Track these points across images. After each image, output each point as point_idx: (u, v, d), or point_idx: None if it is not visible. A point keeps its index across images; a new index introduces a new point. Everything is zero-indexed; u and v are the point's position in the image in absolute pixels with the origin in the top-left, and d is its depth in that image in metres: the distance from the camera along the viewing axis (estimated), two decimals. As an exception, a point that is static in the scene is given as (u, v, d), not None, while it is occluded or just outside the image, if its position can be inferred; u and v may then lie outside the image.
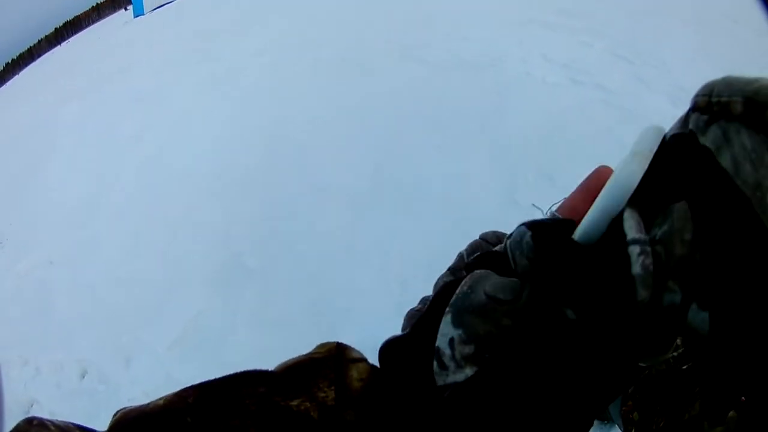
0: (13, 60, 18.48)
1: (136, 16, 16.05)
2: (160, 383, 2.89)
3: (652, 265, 0.26)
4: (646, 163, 0.28)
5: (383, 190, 3.80)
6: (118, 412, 0.34)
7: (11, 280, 4.51)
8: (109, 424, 0.33)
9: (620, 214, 0.28)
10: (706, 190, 0.26)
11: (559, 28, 5.44)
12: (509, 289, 0.31)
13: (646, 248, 0.27)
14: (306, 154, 4.51)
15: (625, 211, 0.28)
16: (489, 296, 0.31)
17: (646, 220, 0.28)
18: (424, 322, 0.34)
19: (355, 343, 0.39)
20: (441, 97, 4.73)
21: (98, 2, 20.77)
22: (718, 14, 4.76)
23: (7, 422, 0.37)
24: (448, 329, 0.32)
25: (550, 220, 0.32)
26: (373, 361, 0.37)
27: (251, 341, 2.97)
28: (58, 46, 18.88)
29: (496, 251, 0.35)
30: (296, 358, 0.37)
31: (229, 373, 0.35)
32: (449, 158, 3.92)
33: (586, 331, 0.28)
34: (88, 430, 0.34)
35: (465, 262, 0.62)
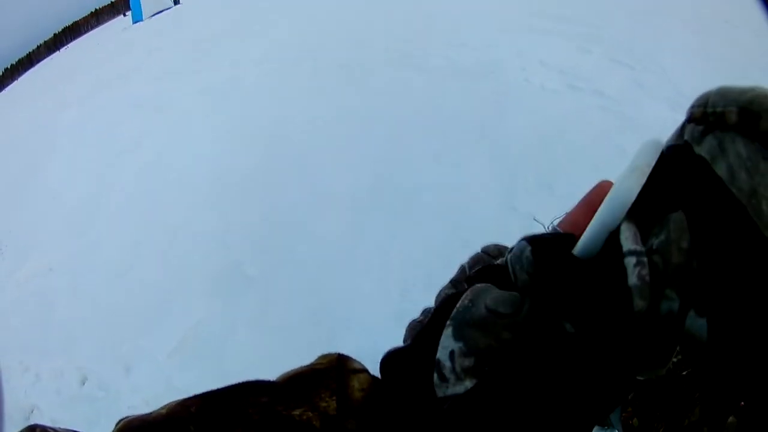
0: (12, 66, 18.55)
1: (135, 22, 16.13)
2: (160, 390, 2.88)
3: (649, 275, 0.27)
4: (644, 178, 0.29)
5: (382, 197, 3.80)
6: (121, 421, 0.34)
7: (11, 287, 4.51)
8: None
9: (618, 228, 0.29)
10: (703, 199, 0.27)
11: (557, 35, 5.47)
12: (509, 302, 0.31)
13: (642, 259, 0.27)
14: (305, 160, 4.51)
15: (622, 224, 0.29)
16: (489, 310, 0.32)
17: (643, 231, 0.29)
18: (426, 335, 0.35)
19: (354, 351, 0.39)
20: (440, 103, 4.75)
21: (97, 8, 20.91)
22: (716, 16, 4.80)
23: (8, 429, 0.37)
24: (448, 342, 0.32)
25: (550, 235, 0.32)
26: (373, 371, 0.38)
27: (251, 349, 2.96)
28: (57, 52, 18.98)
29: (498, 265, 0.35)
30: (298, 368, 0.37)
31: (232, 383, 0.36)
32: (448, 164, 3.93)
33: (585, 344, 0.29)
34: None
35: (467, 275, 0.63)
